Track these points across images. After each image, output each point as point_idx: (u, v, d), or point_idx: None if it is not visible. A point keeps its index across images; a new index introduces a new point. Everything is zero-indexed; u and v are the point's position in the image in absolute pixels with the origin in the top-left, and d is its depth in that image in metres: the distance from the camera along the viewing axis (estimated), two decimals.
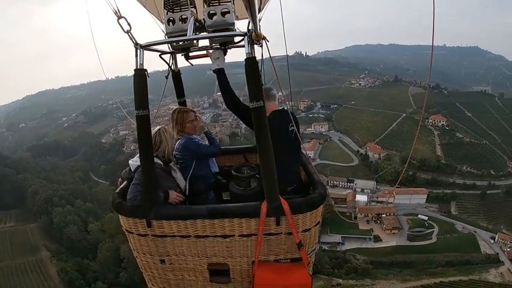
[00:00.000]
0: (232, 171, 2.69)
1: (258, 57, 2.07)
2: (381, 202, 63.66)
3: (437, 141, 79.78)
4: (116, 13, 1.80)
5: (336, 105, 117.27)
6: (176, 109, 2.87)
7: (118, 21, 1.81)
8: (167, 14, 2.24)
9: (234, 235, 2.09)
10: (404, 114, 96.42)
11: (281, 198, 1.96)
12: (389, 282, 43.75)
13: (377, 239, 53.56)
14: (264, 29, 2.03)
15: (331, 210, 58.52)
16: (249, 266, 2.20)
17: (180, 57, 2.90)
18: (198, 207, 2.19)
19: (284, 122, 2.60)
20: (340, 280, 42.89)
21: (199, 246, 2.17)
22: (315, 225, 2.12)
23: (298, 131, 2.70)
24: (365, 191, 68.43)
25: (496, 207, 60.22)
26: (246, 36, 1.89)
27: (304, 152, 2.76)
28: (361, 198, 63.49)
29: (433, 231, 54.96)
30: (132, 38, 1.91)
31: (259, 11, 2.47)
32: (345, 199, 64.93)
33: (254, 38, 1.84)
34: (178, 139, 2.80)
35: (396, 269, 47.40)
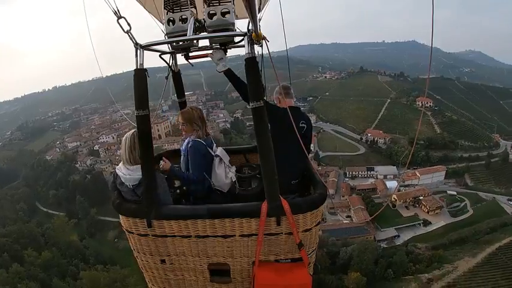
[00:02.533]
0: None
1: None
2: (408, 186, 66.61)
3: (433, 120, 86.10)
4: (115, 13, 1.83)
5: (311, 98, 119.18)
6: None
7: (118, 21, 1.83)
8: (167, 14, 2.28)
9: (235, 235, 2.10)
10: (389, 100, 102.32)
11: (281, 198, 1.97)
12: (465, 261, 43.16)
13: (426, 222, 53.83)
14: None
15: (374, 204, 57.88)
16: (250, 266, 2.21)
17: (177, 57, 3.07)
18: (199, 207, 2.18)
19: (298, 118, 2.71)
20: (426, 274, 42.04)
21: (199, 246, 2.18)
22: (316, 225, 2.14)
23: (311, 130, 2.91)
24: (387, 176, 70.69)
25: (500, 173, 68.09)
26: (246, 36, 1.93)
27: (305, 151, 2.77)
28: (392, 184, 62.82)
29: (466, 203, 57.81)
30: (132, 38, 1.95)
31: (259, 11, 2.51)
32: (374, 188, 65.60)
33: (254, 38, 1.88)
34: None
35: (457, 247, 48.90)
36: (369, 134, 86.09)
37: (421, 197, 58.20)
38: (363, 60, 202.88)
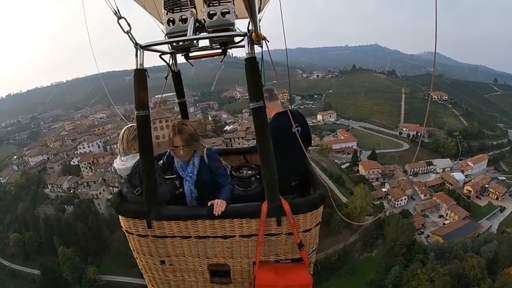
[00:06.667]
0: (233, 172, 2.89)
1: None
2: (466, 176, 76.06)
3: (457, 113, 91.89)
4: (115, 13, 1.93)
5: (316, 96, 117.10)
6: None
7: (118, 21, 1.93)
8: (167, 14, 2.37)
9: (235, 235, 2.21)
10: (404, 95, 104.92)
11: (281, 198, 2.06)
12: None
13: (502, 208, 57.10)
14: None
15: (464, 198, 64.42)
16: (250, 267, 2.31)
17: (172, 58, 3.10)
18: (199, 207, 2.30)
19: (288, 123, 2.70)
20: None
21: (199, 246, 2.29)
22: (316, 225, 2.25)
23: (308, 130, 2.99)
24: (445, 169, 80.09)
25: None
26: (246, 37, 2.03)
27: (304, 151, 2.81)
28: (459, 177, 66.96)
29: None
30: (132, 38, 2.04)
31: (259, 11, 2.67)
32: (442, 183, 66.17)
33: (254, 38, 1.98)
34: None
35: None
36: (404, 129, 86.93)
37: (487, 185, 69.09)
38: (329, 64, 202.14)
